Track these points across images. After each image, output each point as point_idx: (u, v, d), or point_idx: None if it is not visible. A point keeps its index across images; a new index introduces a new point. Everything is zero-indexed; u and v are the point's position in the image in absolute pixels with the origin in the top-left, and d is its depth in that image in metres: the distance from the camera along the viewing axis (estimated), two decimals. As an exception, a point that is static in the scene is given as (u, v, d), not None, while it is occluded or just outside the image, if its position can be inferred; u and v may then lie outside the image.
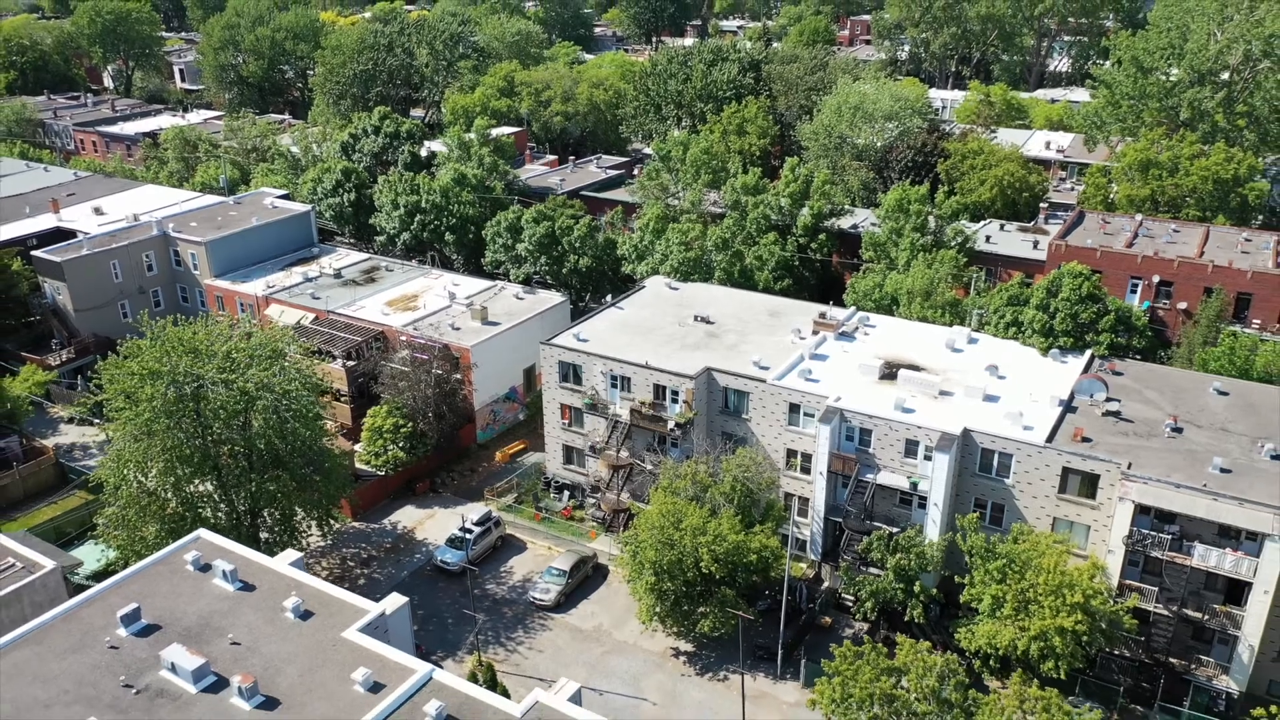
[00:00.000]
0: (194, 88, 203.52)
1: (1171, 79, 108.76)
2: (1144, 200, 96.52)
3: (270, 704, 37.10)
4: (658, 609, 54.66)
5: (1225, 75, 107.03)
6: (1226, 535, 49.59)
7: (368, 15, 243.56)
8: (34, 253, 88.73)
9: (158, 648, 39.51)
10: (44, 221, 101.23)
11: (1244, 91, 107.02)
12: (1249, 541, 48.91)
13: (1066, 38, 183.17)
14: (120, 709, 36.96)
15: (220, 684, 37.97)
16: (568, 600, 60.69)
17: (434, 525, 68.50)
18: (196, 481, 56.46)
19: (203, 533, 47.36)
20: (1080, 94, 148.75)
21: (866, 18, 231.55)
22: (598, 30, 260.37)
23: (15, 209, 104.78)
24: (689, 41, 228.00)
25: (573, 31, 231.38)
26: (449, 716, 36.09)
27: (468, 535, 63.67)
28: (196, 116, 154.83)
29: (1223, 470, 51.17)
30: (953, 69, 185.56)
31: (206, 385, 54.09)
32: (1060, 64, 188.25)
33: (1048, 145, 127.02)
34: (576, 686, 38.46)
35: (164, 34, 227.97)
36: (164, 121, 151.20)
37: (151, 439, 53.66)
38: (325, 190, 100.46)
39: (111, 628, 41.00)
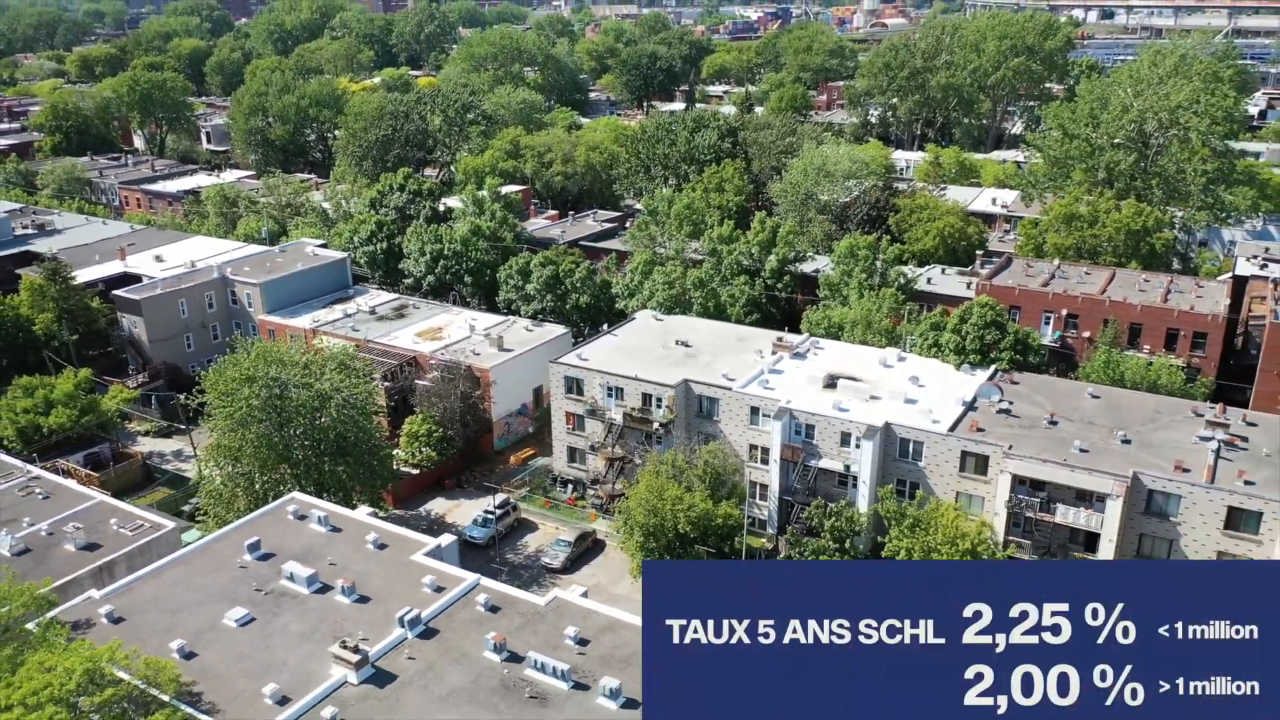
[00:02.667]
0: (219, 149, 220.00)
1: (1094, 144, 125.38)
2: (1069, 248, 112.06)
3: (364, 599, 51.49)
4: (644, 565, 68.96)
5: (1141, 140, 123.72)
6: (1082, 498, 64.39)
7: (377, 80, 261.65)
8: (115, 292, 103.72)
9: (277, 565, 53.97)
10: (112, 267, 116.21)
11: (1155, 154, 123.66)
12: (1098, 502, 63.69)
13: (1020, 104, 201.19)
14: (255, 603, 51.31)
15: (326, 588, 52.35)
16: (572, 565, 74.98)
17: (460, 513, 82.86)
18: (277, 468, 70.97)
19: (296, 494, 61.99)
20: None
21: (843, 84, 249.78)
22: (592, 95, 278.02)
23: (85, 256, 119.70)
24: (678, 106, 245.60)
25: (569, 96, 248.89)
26: (493, 605, 50.56)
27: (490, 516, 78.19)
28: (230, 176, 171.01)
29: (1081, 450, 66.10)
30: (918, 132, 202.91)
31: (289, 388, 68.95)
32: (1016, 127, 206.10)
33: (994, 201, 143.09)
34: (584, 589, 52.96)
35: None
36: (200, 180, 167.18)
37: (245, 430, 68.28)
38: (361, 239, 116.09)
39: (239, 555, 55.41)
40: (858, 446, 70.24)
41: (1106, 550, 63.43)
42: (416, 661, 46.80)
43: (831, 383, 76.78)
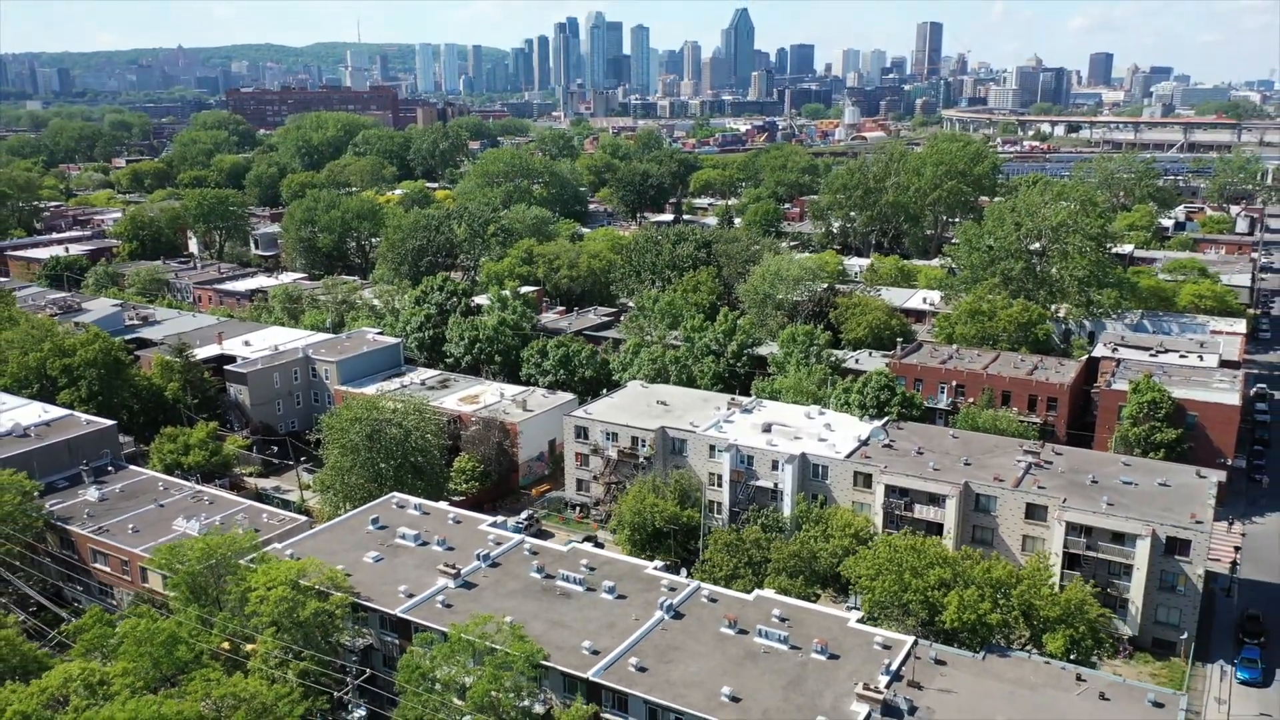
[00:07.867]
0: (267, 253, 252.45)
1: (993, 255, 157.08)
2: (973, 337, 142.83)
3: (450, 548, 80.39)
4: (632, 553, 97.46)
5: (1032, 252, 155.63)
6: (932, 500, 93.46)
7: (399, 193, 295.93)
8: (226, 367, 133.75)
9: (391, 531, 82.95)
10: (211, 349, 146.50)
11: (1043, 263, 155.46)
12: (942, 502, 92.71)
13: (959, 217, 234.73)
14: (381, 551, 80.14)
15: (425, 543, 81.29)
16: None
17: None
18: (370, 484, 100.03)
19: (395, 494, 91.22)
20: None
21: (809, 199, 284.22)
22: (591, 206, 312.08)
23: (187, 341, 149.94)
24: (668, 217, 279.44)
25: (571, 208, 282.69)
26: (533, 550, 79.45)
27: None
28: (287, 277, 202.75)
29: (935, 469, 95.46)
30: (873, 241, 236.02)
31: (382, 426, 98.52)
32: (955, 237, 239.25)
33: (924, 300, 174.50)
34: (592, 544, 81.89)
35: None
36: (262, 281, 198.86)
37: (355, 455, 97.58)
38: (412, 328, 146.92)
39: (364, 526, 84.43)
40: (783, 470, 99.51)
41: (950, 535, 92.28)
42: (488, 578, 75.60)
43: (767, 428, 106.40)
